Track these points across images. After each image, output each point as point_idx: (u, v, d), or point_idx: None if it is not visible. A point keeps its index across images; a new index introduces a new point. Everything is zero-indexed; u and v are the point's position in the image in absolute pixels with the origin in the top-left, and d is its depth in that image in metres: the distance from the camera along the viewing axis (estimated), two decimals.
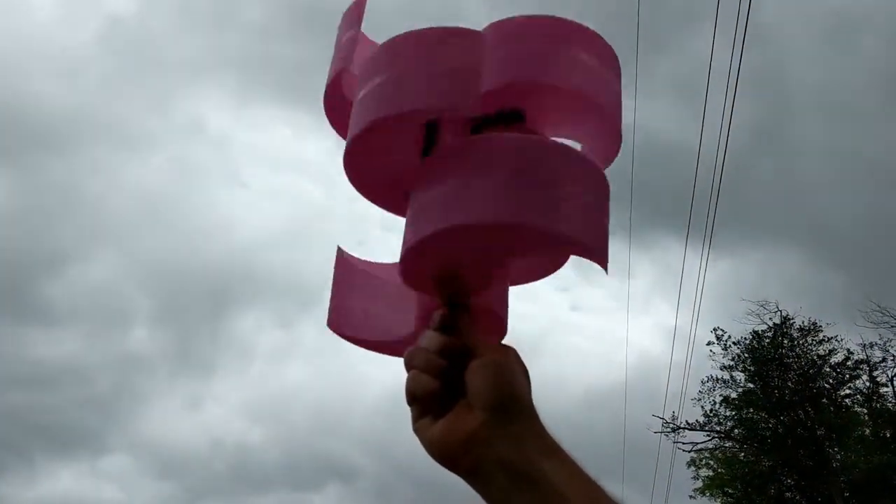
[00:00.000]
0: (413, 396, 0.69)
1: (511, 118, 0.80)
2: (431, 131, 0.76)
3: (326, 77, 0.87)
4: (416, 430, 0.69)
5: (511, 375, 0.68)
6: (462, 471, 0.65)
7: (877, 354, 18.23)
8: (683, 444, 19.41)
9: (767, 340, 19.03)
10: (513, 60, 0.81)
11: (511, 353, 0.70)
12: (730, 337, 19.41)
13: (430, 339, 0.72)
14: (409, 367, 0.70)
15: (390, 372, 0.74)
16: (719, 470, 20.25)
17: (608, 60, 0.85)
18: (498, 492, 0.63)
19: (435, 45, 0.77)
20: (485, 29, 0.83)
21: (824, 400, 18.42)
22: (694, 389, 19.86)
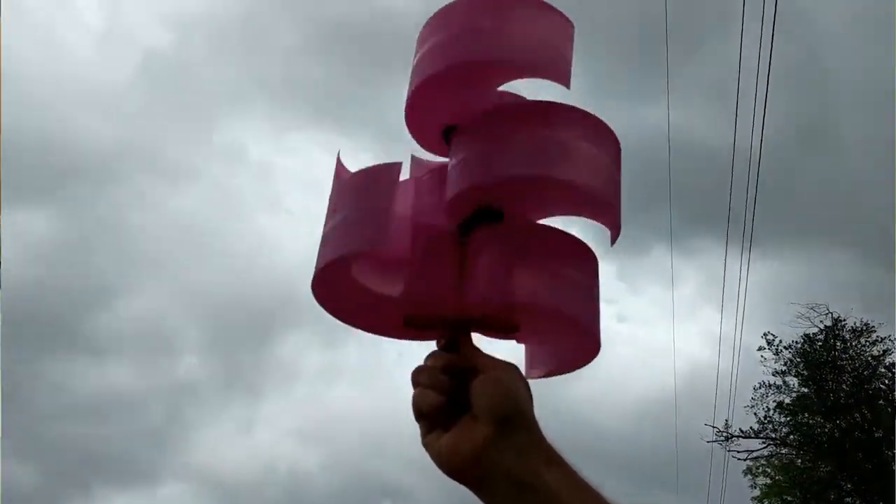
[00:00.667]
0: (419, 412, 0.72)
1: (490, 216, 0.82)
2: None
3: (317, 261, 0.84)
4: (426, 445, 0.72)
5: (515, 389, 0.71)
6: (469, 482, 0.68)
7: None
8: (738, 451, 19.00)
9: (819, 343, 18.55)
10: (502, 153, 0.81)
11: (513, 369, 0.73)
12: (780, 341, 18.99)
13: (435, 357, 0.75)
14: (415, 384, 0.74)
15: None
16: (777, 477, 19.75)
17: (607, 145, 0.84)
18: (504, 501, 0.66)
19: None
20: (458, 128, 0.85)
21: (881, 401, 17.84)
22: (745, 396, 19.38)
